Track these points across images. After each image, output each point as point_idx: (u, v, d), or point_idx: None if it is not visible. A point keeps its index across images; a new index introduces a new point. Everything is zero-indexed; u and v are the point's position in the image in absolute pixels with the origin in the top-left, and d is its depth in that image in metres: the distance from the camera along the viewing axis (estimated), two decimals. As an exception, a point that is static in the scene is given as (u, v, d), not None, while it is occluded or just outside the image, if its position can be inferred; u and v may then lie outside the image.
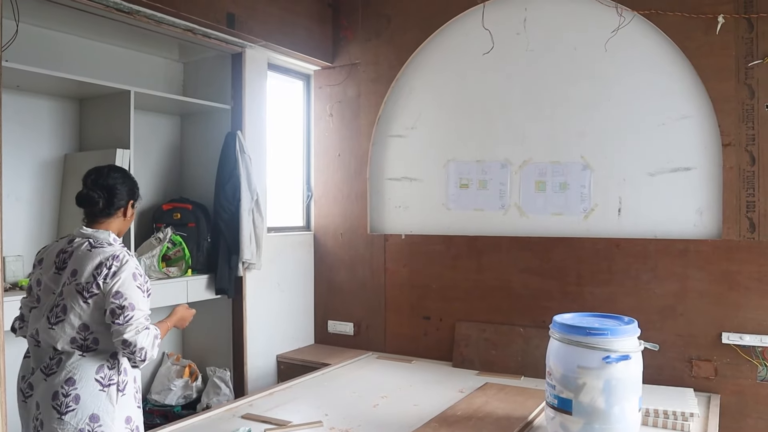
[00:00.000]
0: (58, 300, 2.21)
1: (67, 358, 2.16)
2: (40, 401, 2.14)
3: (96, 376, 2.16)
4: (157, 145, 4.48)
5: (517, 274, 4.20)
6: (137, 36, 4.03)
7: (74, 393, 2.11)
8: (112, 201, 2.33)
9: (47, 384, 2.15)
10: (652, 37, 3.83)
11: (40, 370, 2.19)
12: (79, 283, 2.18)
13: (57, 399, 2.10)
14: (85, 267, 2.19)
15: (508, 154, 4.29)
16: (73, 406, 2.10)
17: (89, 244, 2.25)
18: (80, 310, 2.17)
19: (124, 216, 2.40)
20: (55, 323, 2.18)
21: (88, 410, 2.11)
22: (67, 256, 2.26)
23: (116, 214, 2.36)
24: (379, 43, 4.73)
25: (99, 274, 2.17)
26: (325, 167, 5.02)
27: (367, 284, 4.77)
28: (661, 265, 3.77)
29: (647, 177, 3.87)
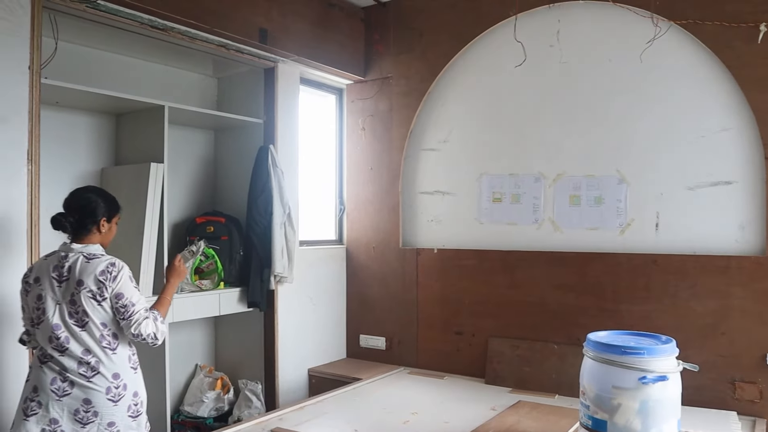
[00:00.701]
0: (73, 308, 2.45)
1: (103, 359, 2.45)
2: (90, 397, 2.41)
3: (129, 365, 2.54)
4: (192, 159, 4.53)
5: (551, 289, 4.11)
6: (172, 52, 4.10)
7: (122, 383, 2.48)
8: (84, 221, 2.56)
9: (89, 384, 2.41)
10: (689, 47, 3.73)
11: (75, 375, 2.41)
12: (90, 290, 2.44)
13: (110, 392, 2.44)
14: (89, 276, 2.44)
15: (541, 168, 4.22)
16: (123, 393, 2.48)
17: (84, 258, 2.50)
18: (98, 313, 2.45)
19: (100, 232, 2.60)
20: (81, 326, 2.44)
21: (131, 390, 2.52)
22: (66, 270, 2.48)
23: (92, 231, 2.58)
24: (411, 57, 4.72)
25: (105, 280, 2.44)
26: (357, 181, 5.02)
27: (399, 298, 4.74)
28: (701, 282, 3.65)
29: (686, 191, 3.76)
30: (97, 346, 2.44)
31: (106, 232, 2.63)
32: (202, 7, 3.65)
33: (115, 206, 2.72)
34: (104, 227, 2.61)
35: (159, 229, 3.72)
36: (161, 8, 3.41)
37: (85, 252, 2.51)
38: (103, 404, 2.42)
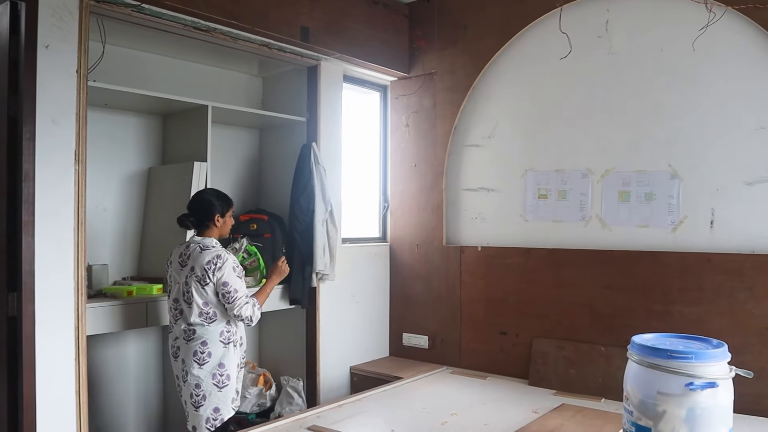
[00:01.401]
0: (186, 288, 3.07)
1: (199, 328, 3.06)
2: (185, 358, 3.07)
3: (220, 338, 3.08)
4: (237, 157, 4.59)
5: (598, 289, 3.97)
6: (217, 53, 4.15)
7: (208, 350, 3.05)
8: (202, 219, 3.17)
9: (188, 346, 3.06)
10: (747, 33, 3.53)
11: (183, 337, 3.08)
12: (197, 275, 3.04)
13: (196, 355, 3.03)
14: (198, 264, 3.04)
15: (589, 163, 4.08)
16: (207, 360, 3.04)
17: (199, 248, 3.09)
18: (201, 294, 3.04)
19: (216, 226, 3.19)
20: (188, 303, 3.06)
21: (217, 360, 3.06)
22: (186, 257, 3.11)
23: (210, 226, 3.18)
24: (455, 52, 4.64)
25: (209, 269, 3.02)
26: (401, 178, 4.98)
27: (442, 297, 4.67)
28: (760, 282, 3.45)
29: (744, 186, 3.56)
30: (197, 319, 3.04)
31: (222, 225, 3.22)
32: (244, 7, 3.67)
33: (227, 203, 3.26)
34: (219, 222, 3.19)
35: (202, 227, 3.78)
36: (203, 9, 3.45)
37: (201, 244, 3.11)
38: (191, 365, 3.03)
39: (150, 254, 3.96)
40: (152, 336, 4.11)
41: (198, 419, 3.05)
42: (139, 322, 3.47)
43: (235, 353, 3.14)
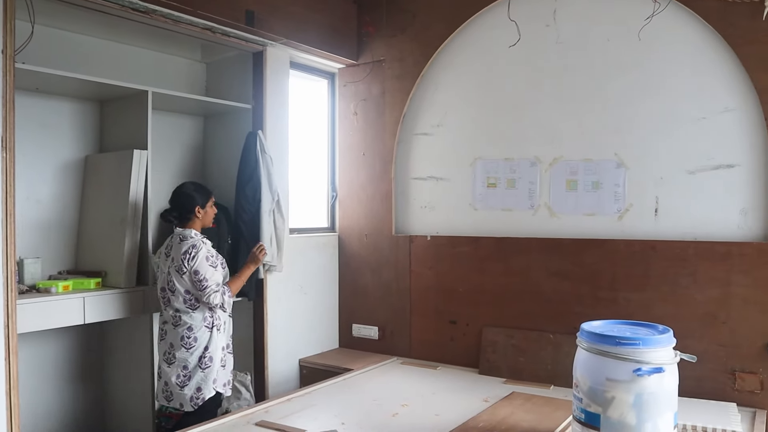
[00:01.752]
0: (169, 277, 3.30)
1: (184, 315, 3.30)
2: (172, 341, 3.32)
3: (204, 324, 3.32)
4: (180, 145, 4.43)
5: (547, 277, 4.00)
6: (159, 37, 3.99)
7: (193, 335, 3.30)
8: (183, 212, 3.38)
9: (175, 331, 3.31)
10: (690, 24, 3.59)
11: (171, 322, 3.32)
12: (176, 265, 3.27)
13: (183, 340, 3.29)
14: (178, 254, 3.27)
15: (537, 152, 4.09)
16: (194, 344, 3.30)
17: (179, 239, 3.33)
18: (181, 283, 3.27)
19: (198, 217, 3.40)
20: (172, 291, 3.30)
21: (203, 344, 3.31)
22: (169, 248, 3.36)
23: (192, 218, 3.39)
24: (403, 39, 4.59)
25: (184, 259, 3.23)
26: (349, 167, 4.91)
27: (392, 287, 4.64)
28: (702, 269, 3.53)
29: (686, 175, 3.63)
30: (182, 306, 3.28)
31: (204, 215, 3.42)
32: (186, -12, 3.53)
33: (206, 194, 3.46)
34: (200, 213, 3.40)
35: (143, 218, 3.63)
36: (141, -11, 3.30)
37: (181, 235, 3.34)
38: (179, 348, 3.27)
39: (87, 247, 3.78)
40: (91, 333, 3.93)
41: (183, 398, 3.29)
42: (76, 318, 3.31)
43: (219, 337, 3.37)
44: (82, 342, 3.91)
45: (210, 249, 3.34)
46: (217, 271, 3.33)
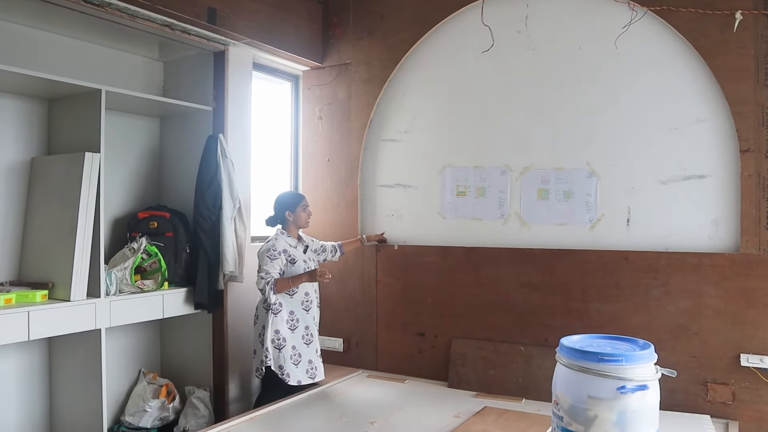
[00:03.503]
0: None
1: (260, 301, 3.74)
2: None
3: (263, 305, 3.66)
4: (135, 148, 4.20)
5: (517, 288, 3.92)
6: (113, 32, 3.77)
7: (256, 314, 3.75)
8: (274, 217, 3.82)
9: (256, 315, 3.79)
10: (663, 35, 3.57)
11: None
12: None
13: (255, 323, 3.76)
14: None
15: (508, 160, 4.01)
16: (256, 321, 3.73)
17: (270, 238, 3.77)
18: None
19: (289, 219, 3.76)
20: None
21: (261, 323, 3.68)
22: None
23: (286, 222, 3.79)
24: (371, 42, 4.46)
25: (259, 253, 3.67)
26: (313, 173, 4.75)
27: (357, 298, 4.49)
28: (674, 280, 3.50)
29: (658, 185, 3.60)
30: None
31: (295, 218, 3.76)
32: (144, -18, 3.33)
33: (294, 200, 3.79)
34: (291, 217, 3.75)
35: (95, 225, 3.40)
36: (96, -19, 3.08)
37: (271, 234, 3.79)
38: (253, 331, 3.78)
39: (33, 256, 3.51)
40: (36, 349, 3.65)
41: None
42: (20, 334, 3.04)
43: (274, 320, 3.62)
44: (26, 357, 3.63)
45: (275, 245, 3.65)
46: (274, 263, 3.59)
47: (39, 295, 3.21)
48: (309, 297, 3.74)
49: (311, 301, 3.75)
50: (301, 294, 3.69)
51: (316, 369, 3.74)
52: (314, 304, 3.78)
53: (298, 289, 3.68)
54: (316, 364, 3.74)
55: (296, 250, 3.74)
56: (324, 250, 4.05)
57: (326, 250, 4.06)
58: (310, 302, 3.74)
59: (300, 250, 3.77)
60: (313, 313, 3.78)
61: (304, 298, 3.71)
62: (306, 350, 3.70)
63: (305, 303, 3.71)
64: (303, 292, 3.70)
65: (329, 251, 4.08)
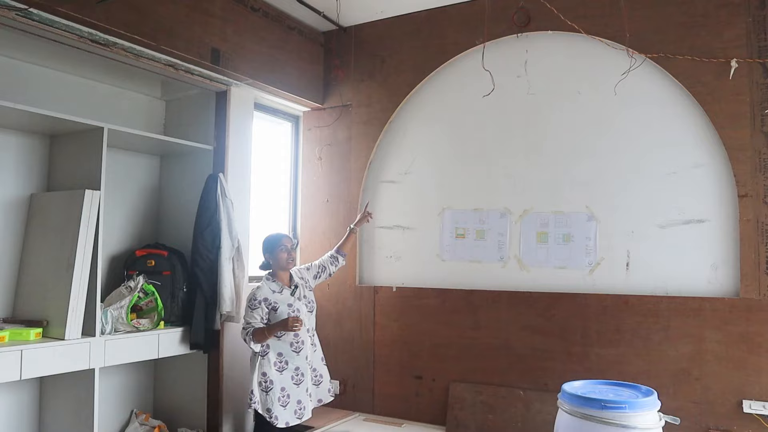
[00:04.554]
0: None
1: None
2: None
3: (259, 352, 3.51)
4: (135, 186, 4.20)
5: (516, 331, 3.89)
6: (117, 71, 3.81)
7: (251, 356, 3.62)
8: (263, 263, 3.70)
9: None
10: (661, 81, 3.63)
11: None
12: None
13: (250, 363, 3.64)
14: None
15: (507, 203, 4.03)
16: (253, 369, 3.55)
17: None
18: None
19: (270, 263, 3.65)
20: None
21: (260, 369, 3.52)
22: None
23: (269, 265, 3.67)
24: (372, 84, 4.51)
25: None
26: (312, 213, 4.75)
27: (355, 339, 4.44)
28: (674, 324, 3.48)
29: (657, 229, 3.61)
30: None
31: (275, 261, 3.63)
32: (150, 23, 3.37)
33: (271, 244, 3.65)
34: (271, 260, 3.65)
35: (92, 263, 3.37)
36: (103, 21, 3.12)
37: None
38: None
39: (28, 293, 3.47)
40: (27, 388, 3.58)
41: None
42: (11, 374, 2.98)
43: (262, 363, 3.52)
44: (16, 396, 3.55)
45: (255, 294, 3.55)
46: (254, 313, 3.50)
47: (33, 333, 3.16)
48: (299, 338, 3.55)
49: (302, 342, 3.56)
50: (290, 336, 3.53)
51: (304, 409, 3.58)
52: (307, 344, 3.58)
53: (284, 332, 3.54)
54: (305, 404, 3.58)
55: (280, 295, 3.57)
56: (324, 268, 3.87)
57: (325, 267, 3.88)
58: (301, 343, 3.55)
59: (286, 295, 3.59)
60: (306, 353, 3.58)
61: (293, 340, 3.54)
62: (296, 390, 3.54)
63: (295, 345, 3.54)
64: (292, 334, 3.53)
65: (329, 264, 3.89)
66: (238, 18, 3.98)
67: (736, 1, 3.46)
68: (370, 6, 4.33)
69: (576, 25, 3.77)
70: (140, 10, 3.32)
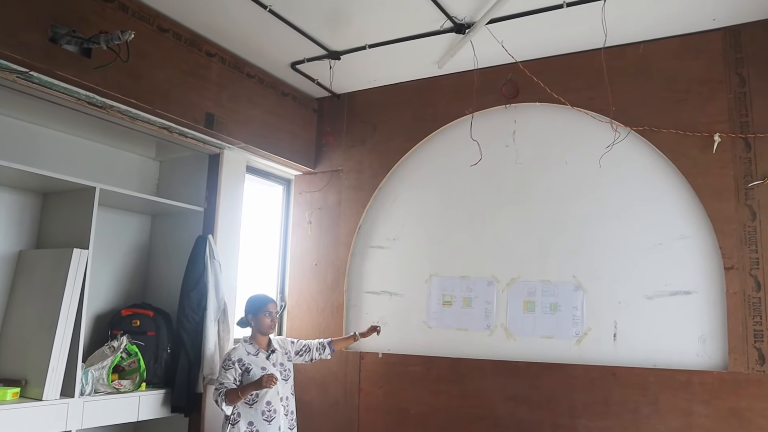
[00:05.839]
0: None
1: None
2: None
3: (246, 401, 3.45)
4: (124, 244, 4.21)
5: (503, 401, 3.83)
6: (113, 132, 3.87)
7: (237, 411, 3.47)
8: (243, 319, 3.72)
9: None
10: (647, 153, 3.70)
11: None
12: None
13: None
14: None
15: (495, 271, 4.04)
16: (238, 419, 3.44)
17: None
18: None
19: (251, 325, 3.66)
20: None
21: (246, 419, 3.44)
22: None
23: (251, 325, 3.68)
24: (363, 150, 4.59)
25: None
26: (300, 276, 4.74)
27: (339, 405, 4.36)
28: (663, 398, 3.44)
29: (645, 300, 3.61)
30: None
31: (257, 324, 3.63)
32: (146, 86, 3.45)
33: (256, 305, 3.67)
34: (252, 321, 3.65)
35: (76, 322, 3.33)
36: (101, 85, 3.20)
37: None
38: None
39: (9, 351, 3.41)
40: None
41: None
42: (-15, 435, 2.92)
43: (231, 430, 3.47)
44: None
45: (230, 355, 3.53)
46: (228, 373, 3.46)
47: (10, 392, 3.09)
48: (271, 407, 3.47)
49: (274, 410, 3.47)
50: (262, 404, 3.44)
51: None
52: (280, 414, 3.49)
53: (258, 399, 3.45)
54: None
55: (255, 358, 3.54)
56: (308, 349, 3.85)
57: (311, 350, 3.86)
58: (273, 412, 3.46)
59: (261, 358, 3.56)
60: (279, 423, 3.48)
61: (265, 408, 3.45)
62: None
63: (267, 413, 3.45)
64: (264, 401, 3.45)
65: (315, 349, 3.87)
66: (234, 84, 4.08)
67: (717, 78, 3.57)
68: (364, 75, 4.45)
69: (562, 98, 3.88)
70: (137, 74, 3.40)
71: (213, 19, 3.66)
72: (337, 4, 3.47)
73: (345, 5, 3.47)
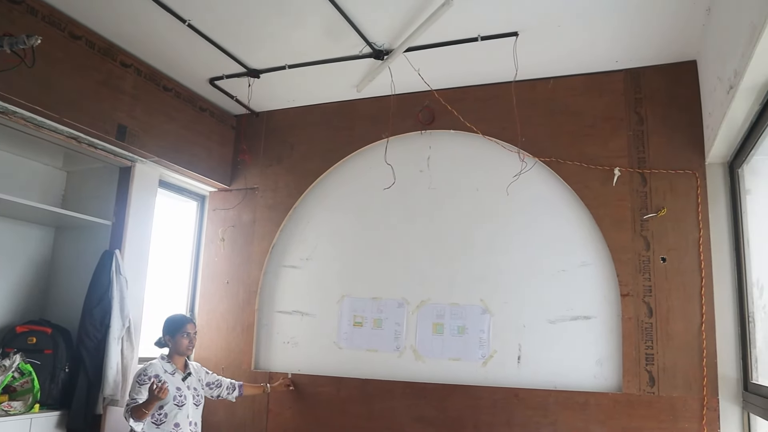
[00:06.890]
0: None
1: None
2: None
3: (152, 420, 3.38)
4: (23, 257, 4.01)
5: (410, 422, 3.87)
6: (16, 139, 3.69)
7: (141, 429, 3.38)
8: (160, 339, 3.62)
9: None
10: (552, 183, 3.87)
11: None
12: None
13: None
14: None
15: (405, 293, 4.10)
16: None
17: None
18: None
19: (169, 345, 3.58)
20: None
21: None
22: None
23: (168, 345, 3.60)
24: (279, 170, 4.58)
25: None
26: (211, 294, 4.65)
27: (247, 427, 4.28)
28: (562, 418, 3.56)
29: (547, 324, 3.75)
30: None
31: (174, 344, 3.57)
32: (55, 95, 3.33)
33: (174, 325, 3.59)
34: (170, 342, 3.58)
35: (-36, 338, 3.15)
36: (3, 90, 3.06)
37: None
38: None
39: None
40: None
41: None
42: None
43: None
44: None
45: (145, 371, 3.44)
46: (142, 389, 3.37)
47: None
48: (180, 428, 3.41)
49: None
50: (170, 425, 3.39)
51: None
52: None
53: (167, 420, 3.40)
54: None
55: (172, 377, 3.49)
56: (219, 385, 3.82)
57: (221, 386, 3.82)
58: None
59: (177, 378, 3.52)
60: None
61: (173, 429, 3.40)
62: None
63: None
64: (173, 423, 3.40)
65: (226, 388, 3.84)
66: (149, 96, 4.00)
67: (619, 116, 3.79)
68: (283, 94, 4.46)
69: (475, 127, 4.01)
70: (45, 81, 3.28)
71: (129, 29, 3.59)
72: (259, 23, 3.47)
73: (266, 24, 3.48)
